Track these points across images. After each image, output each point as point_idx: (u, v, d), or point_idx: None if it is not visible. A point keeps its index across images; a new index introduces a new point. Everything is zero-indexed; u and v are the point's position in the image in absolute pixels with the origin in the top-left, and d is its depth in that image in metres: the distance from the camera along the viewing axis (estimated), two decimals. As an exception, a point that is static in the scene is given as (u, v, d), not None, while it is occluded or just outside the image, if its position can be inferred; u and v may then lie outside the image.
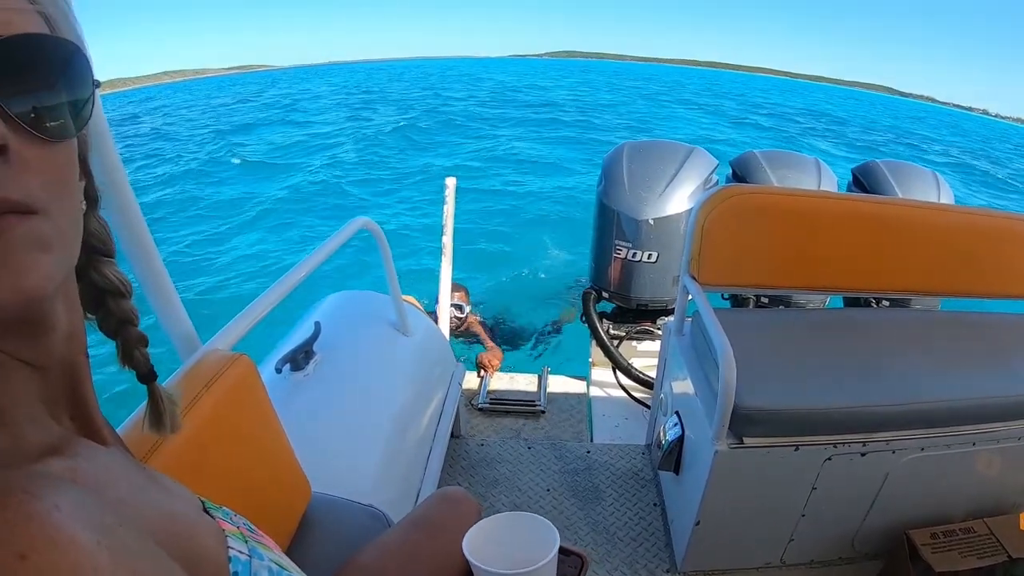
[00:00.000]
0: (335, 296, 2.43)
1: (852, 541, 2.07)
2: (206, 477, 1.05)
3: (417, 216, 9.77)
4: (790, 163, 3.26)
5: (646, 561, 2.18)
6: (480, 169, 13.68)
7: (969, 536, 1.92)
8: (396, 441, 1.93)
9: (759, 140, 21.24)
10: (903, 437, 1.85)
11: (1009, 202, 15.83)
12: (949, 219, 2.34)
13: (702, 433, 1.89)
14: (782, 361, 1.99)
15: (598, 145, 15.95)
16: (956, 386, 1.92)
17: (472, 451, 2.73)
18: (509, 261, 7.78)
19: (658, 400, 2.52)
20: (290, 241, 8.82)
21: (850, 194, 3.20)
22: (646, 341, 3.47)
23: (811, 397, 1.82)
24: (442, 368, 2.53)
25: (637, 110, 30.52)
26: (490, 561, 0.62)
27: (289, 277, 1.58)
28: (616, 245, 3.12)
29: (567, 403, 3.30)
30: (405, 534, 0.98)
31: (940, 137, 34.41)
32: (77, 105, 0.43)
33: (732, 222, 2.14)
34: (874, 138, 27.65)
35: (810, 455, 1.82)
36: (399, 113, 25.24)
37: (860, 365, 1.99)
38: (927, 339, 2.20)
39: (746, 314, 2.69)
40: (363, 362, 2.08)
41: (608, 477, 2.58)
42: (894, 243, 2.25)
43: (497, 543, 0.63)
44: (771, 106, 40.25)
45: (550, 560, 0.61)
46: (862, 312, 2.57)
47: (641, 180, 3.06)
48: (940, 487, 2.01)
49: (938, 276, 2.33)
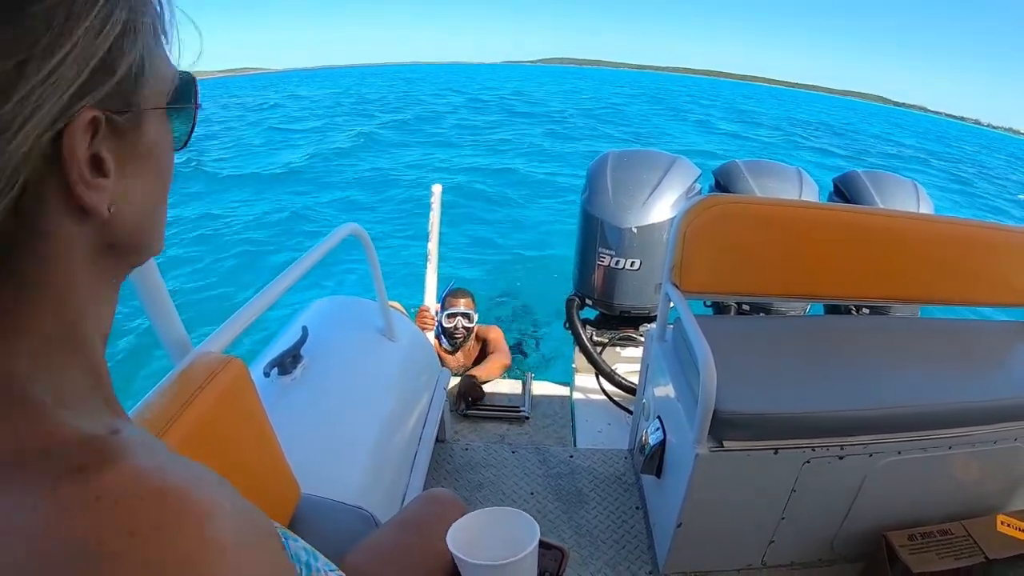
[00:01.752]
0: (322, 301, 2.44)
1: (832, 543, 2.11)
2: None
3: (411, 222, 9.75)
4: (772, 173, 3.32)
5: (628, 563, 2.21)
6: (469, 175, 13.71)
7: (946, 538, 1.96)
8: (383, 444, 1.95)
9: (744, 149, 21.42)
10: (880, 441, 1.89)
11: (996, 210, 16.11)
12: (928, 228, 2.40)
13: (683, 437, 1.93)
14: (762, 367, 2.03)
15: (581, 155, 16.05)
16: (933, 391, 1.97)
17: (457, 455, 2.75)
18: (494, 267, 7.81)
19: (641, 405, 2.56)
20: (278, 248, 8.79)
21: (830, 203, 3.26)
22: (629, 347, 3.51)
23: (790, 402, 1.86)
24: (427, 373, 2.55)
25: (629, 118, 30.69)
26: (474, 555, 0.64)
27: (278, 282, 1.60)
28: (600, 253, 3.16)
29: (551, 408, 3.32)
30: (395, 535, 0.99)
31: (928, 146, 34.87)
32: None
33: (714, 231, 2.19)
34: (863, 147, 28.01)
35: (789, 458, 1.86)
36: (391, 116, 25.26)
37: (839, 371, 2.04)
38: (905, 345, 2.25)
39: (727, 321, 2.74)
40: (350, 366, 2.09)
41: (591, 481, 2.61)
42: (873, 252, 2.30)
43: (480, 537, 0.65)
44: (759, 115, 40.59)
45: (531, 551, 0.63)
46: (841, 319, 2.62)
47: (625, 189, 3.10)
48: (917, 490, 2.06)
49: (916, 284, 2.38)
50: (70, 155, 0.37)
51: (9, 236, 0.37)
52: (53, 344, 0.41)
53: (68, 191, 0.38)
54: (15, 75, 0.34)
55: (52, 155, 0.37)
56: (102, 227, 0.42)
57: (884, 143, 32.47)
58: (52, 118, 0.36)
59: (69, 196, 0.39)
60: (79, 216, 0.40)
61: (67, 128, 0.37)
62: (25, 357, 0.39)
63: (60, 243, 0.40)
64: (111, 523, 0.33)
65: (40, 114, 0.35)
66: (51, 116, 0.36)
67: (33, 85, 0.34)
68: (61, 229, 0.39)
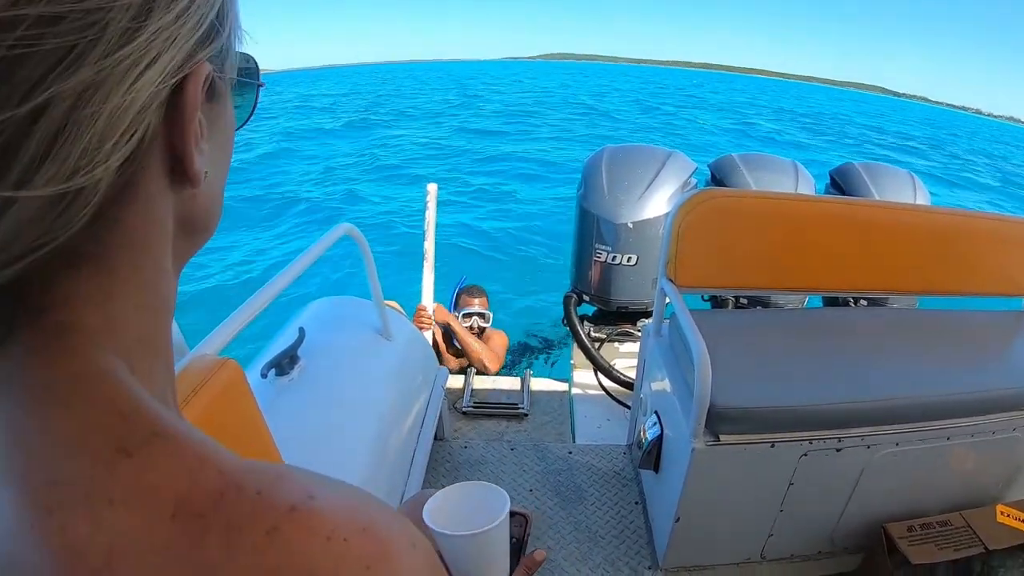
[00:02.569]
0: (319, 302, 2.44)
1: (831, 535, 2.12)
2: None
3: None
4: (767, 165, 3.32)
5: (628, 559, 2.21)
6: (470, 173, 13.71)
7: (946, 529, 1.96)
8: (381, 443, 1.96)
9: (741, 145, 21.39)
10: (878, 433, 1.90)
11: (995, 200, 16.11)
12: (924, 219, 2.40)
13: (680, 432, 1.93)
14: (758, 360, 2.04)
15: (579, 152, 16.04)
16: (930, 382, 1.97)
17: (456, 453, 2.76)
18: (493, 266, 7.80)
19: (638, 400, 2.56)
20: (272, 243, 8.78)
21: (826, 196, 3.27)
22: (627, 343, 3.51)
23: (786, 395, 1.86)
24: (425, 372, 2.55)
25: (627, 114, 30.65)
26: (452, 529, 0.67)
27: (274, 283, 1.61)
28: (596, 249, 3.17)
29: (550, 405, 3.33)
30: None
31: (929, 135, 34.83)
32: None
33: (709, 225, 2.19)
34: (865, 138, 28.00)
35: (786, 451, 1.87)
36: (392, 116, 25.25)
37: (835, 363, 2.04)
38: (902, 337, 2.26)
39: (724, 315, 2.74)
40: (347, 367, 2.10)
41: (590, 477, 2.61)
42: (870, 243, 2.31)
43: (456, 511, 0.68)
44: (759, 108, 40.52)
45: (501, 521, 0.66)
46: (839, 311, 2.62)
47: (620, 184, 3.11)
48: (916, 481, 2.06)
49: (913, 275, 2.39)
50: (190, 109, 0.35)
51: (111, 202, 0.32)
52: (146, 343, 0.38)
53: (172, 153, 0.35)
54: (144, 11, 0.31)
55: (167, 110, 0.34)
56: (188, 200, 0.39)
57: (885, 135, 32.41)
58: (177, 65, 0.33)
59: (171, 160, 0.36)
60: (176, 183, 0.37)
61: (189, 77, 0.34)
62: (124, 359, 0.35)
63: (156, 211, 0.36)
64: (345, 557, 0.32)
65: (167, 56, 0.32)
66: (177, 62, 0.33)
67: (163, 24, 0.31)
68: (159, 196, 0.36)
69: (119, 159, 0.31)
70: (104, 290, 0.34)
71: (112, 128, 0.30)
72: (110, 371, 0.33)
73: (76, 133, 0.28)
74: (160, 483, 0.31)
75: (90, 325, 0.33)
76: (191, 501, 0.31)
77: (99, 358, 0.33)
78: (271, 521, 0.31)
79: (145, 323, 0.37)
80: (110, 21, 0.29)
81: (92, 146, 0.29)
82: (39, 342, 0.32)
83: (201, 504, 0.31)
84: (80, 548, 0.29)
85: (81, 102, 0.28)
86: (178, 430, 0.33)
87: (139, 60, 0.30)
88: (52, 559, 0.29)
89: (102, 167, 0.30)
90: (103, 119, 0.29)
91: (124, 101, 0.30)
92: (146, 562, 0.29)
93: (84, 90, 0.28)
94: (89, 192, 0.30)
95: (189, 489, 0.31)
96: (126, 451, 0.31)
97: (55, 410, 0.31)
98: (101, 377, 0.33)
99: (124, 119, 0.30)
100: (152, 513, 0.30)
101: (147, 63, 0.31)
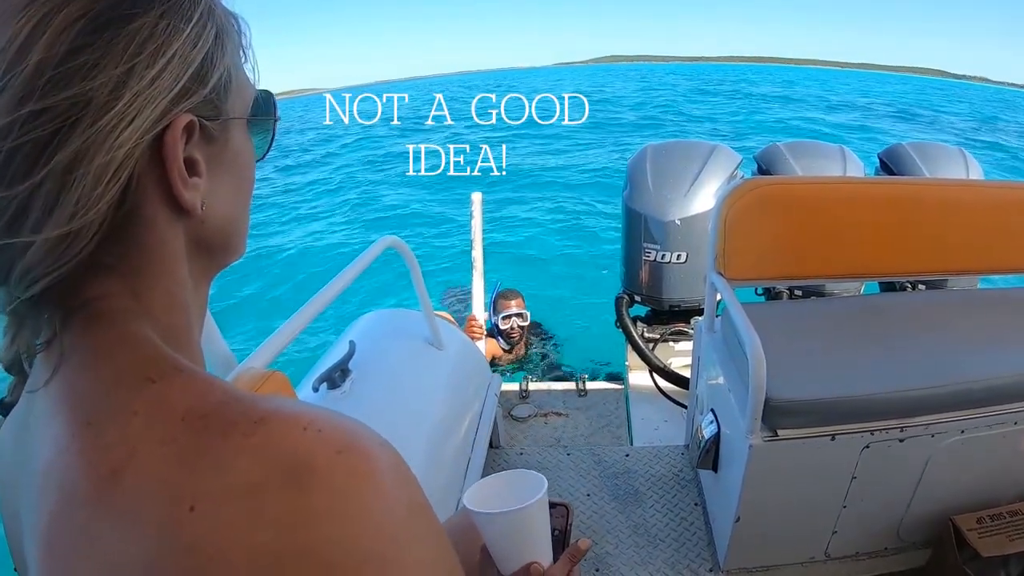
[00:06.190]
0: (368, 315, 2.48)
1: (897, 530, 2.03)
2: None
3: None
4: (814, 152, 3.25)
5: (688, 561, 2.17)
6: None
7: (1016, 519, 1.87)
8: (434, 453, 1.97)
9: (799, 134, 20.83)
10: (942, 420, 1.81)
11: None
12: (979, 195, 2.31)
13: (737, 429, 1.89)
14: (814, 351, 1.98)
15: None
16: (994, 363, 1.88)
17: (512, 461, 2.75)
18: (542, 271, 7.80)
19: (694, 399, 2.52)
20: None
21: (874, 177, 3.17)
22: (682, 341, 3.46)
23: (844, 385, 1.80)
24: (478, 380, 2.56)
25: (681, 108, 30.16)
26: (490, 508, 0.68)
27: (320, 297, 1.63)
28: (645, 248, 3.14)
29: (606, 408, 3.30)
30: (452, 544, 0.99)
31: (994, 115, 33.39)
32: None
33: (755, 215, 2.14)
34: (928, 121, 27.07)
35: (847, 444, 1.80)
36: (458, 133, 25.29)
37: (894, 349, 1.97)
38: (963, 318, 2.16)
39: (778, 307, 2.68)
40: (398, 378, 2.12)
41: (648, 479, 2.57)
42: (924, 223, 2.23)
43: (494, 497, 0.70)
44: (815, 99, 39.45)
45: (538, 500, 0.67)
46: (896, 296, 2.54)
47: (665, 181, 3.08)
48: (984, 470, 1.96)
49: (972, 254, 2.29)
50: (170, 154, 0.42)
51: (118, 228, 0.41)
52: (174, 333, 0.47)
53: (167, 188, 0.43)
54: (123, 80, 0.38)
55: (153, 155, 0.42)
56: (196, 224, 0.47)
57: (950, 116, 31.18)
58: (153, 120, 0.40)
59: (168, 193, 0.43)
60: (177, 211, 0.45)
61: (167, 130, 0.42)
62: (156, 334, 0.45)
63: (161, 233, 0.44)
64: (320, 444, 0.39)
65: (144, 115, 0.40)
66: (153, 118, 0.40)
67: (138, 90, 0.39)
68: (161, 221, 0.44)
69: (108, 202, 0.39)
70: (131, 287, 0.44)
71: (99, 180, 0.38)
72: (144, 335, 0.44)
73: (71, 189, 0.37)
74: (175, 399, 0.40)
75: (126, 308, 0.44)
76: (198, 408, 0.40)
77: (134, 326, 0.43)
78: (259, 415, 0.39)
79: (170, 314, 0.47)
80: (93, 98, 0.37)
81: (84, 195, 0.38)
82: (85, 324, 0.42)
83: (205, 409, 0.40)
84: (109, 446, 0.38)
85: (74, 165, 0.37)
86: (196, 368, 0.43)
87: (117, 124, 0.38)
88: (84, 459, 0.38)
89: (95, 210, 0.38)
90: (91, 176, 0.38)
91: (107, 158, 0.38)
92: (159, 452, 0.38)
93: (74, 158, 0.37)
94: (87, 229, 0.39)
95: (197, 401, 0.40)
96: (151, 379, 0.41)
97: (101, 361, 0.42)
98: (136, 337, 0.43)
99: (108, 171, 0.38)
100: (166, 418, 0.39)
101: (124, 126, 0.39)
